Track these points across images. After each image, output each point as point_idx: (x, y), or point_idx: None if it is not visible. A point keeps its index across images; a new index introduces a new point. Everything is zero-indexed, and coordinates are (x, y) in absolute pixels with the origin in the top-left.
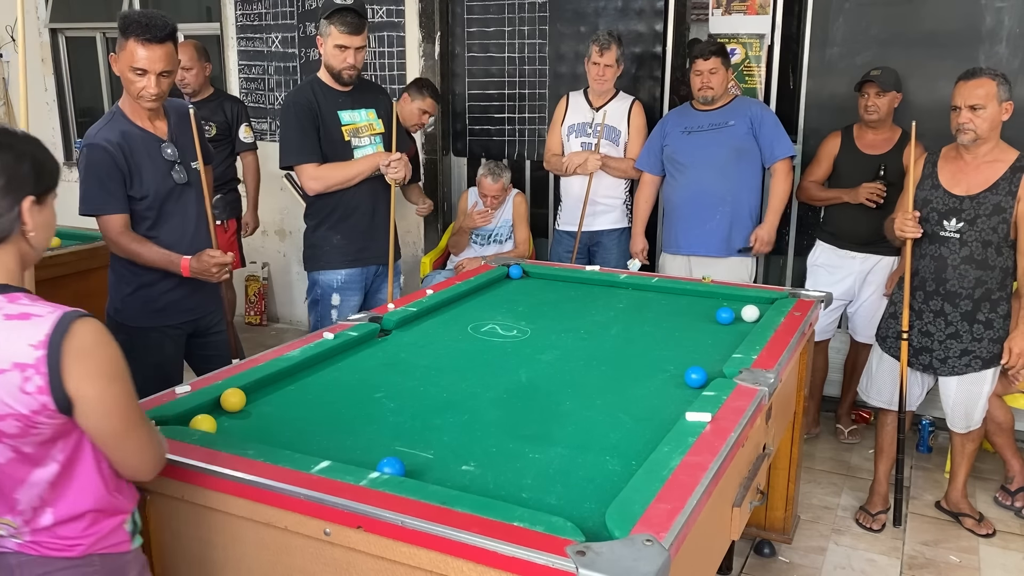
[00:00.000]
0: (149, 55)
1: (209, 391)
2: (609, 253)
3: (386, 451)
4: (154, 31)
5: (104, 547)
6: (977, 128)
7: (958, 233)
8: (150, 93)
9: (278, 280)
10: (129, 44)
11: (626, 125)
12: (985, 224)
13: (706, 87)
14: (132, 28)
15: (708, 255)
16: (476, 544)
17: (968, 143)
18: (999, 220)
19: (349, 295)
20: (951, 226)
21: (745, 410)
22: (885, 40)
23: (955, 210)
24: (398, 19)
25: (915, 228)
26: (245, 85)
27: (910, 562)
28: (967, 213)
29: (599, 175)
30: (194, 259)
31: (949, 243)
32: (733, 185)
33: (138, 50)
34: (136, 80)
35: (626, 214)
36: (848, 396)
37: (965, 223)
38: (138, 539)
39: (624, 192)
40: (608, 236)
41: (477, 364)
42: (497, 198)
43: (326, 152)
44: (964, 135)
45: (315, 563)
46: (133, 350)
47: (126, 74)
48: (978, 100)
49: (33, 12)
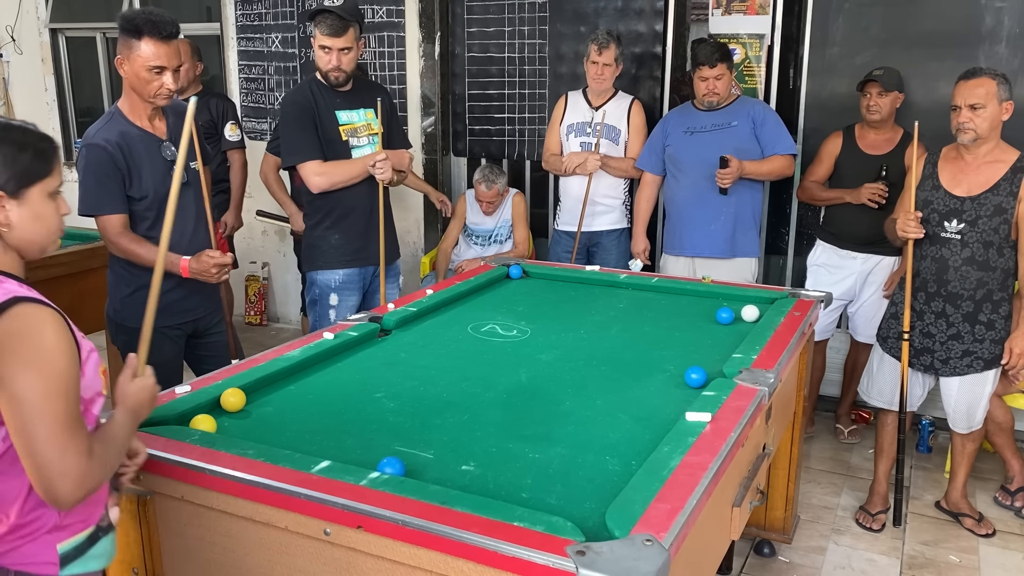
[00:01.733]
0: (166, 52)
1: (209, 391)
2: (608, 254)
3: (386, 451)
4: (166, 28)
5: (22, 564)
6: (977, 128)
7: (959, 234)
8: (169, 89)
9: (278, 280)
10: (143, 44)
11: (626, 124)
12: (986, 225)
13: (711, 93)
14: (145, 28)
15: (712, 256)
16: (476, 544)
17: (968, 142)
18: (1000, 221)
19: (347, 295)
20: (952, 227)
21: (745, 410)
22: (885, 40)
23: (956, 211)
24: (398, 19)
25: (917, 228)
26: (245, 85)
27: (910, 562)
28: (968, 214)
29: (598, 175)
30: (193, 260)
31: (950, 244)
32: (736, 186)
33: (154, 48)
34: (153, 79)
35: (625, 214)
36: (848, 396)
37: (966, 224)
38: (76, 566)
39: (623, 192)
40: (607, 237)
41: (477, 364)
42: (493, 203)
43: (325, 152)
44: (964, 134)
45: (315, 563)
46: (133, 350)
47: (141, 74)
48: (978, 99)
49: (33, 12)
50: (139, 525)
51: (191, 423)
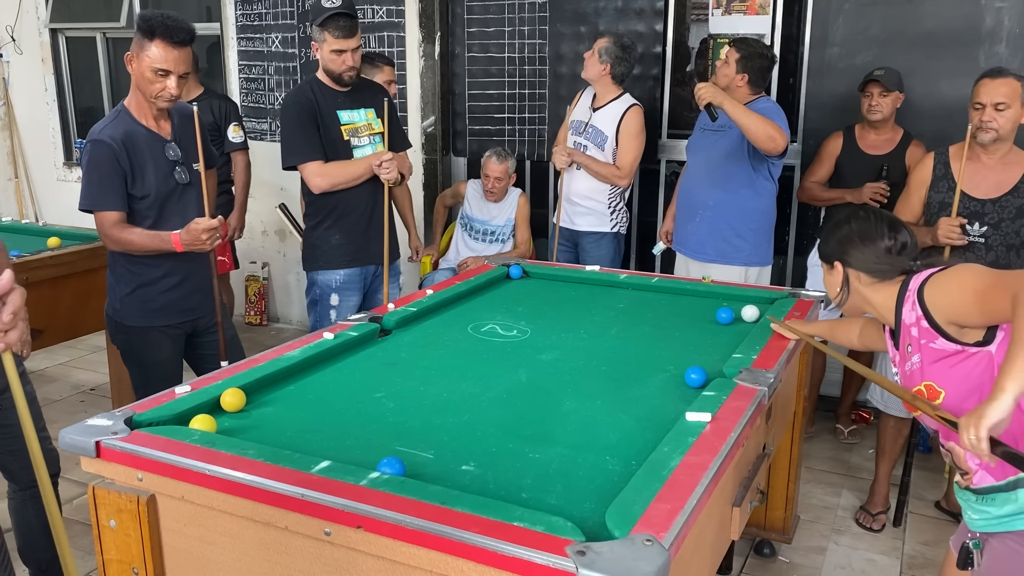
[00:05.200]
0: (175, 57)
1: (209, 391)
2: (587, 255)
3: (386, 451)
4: (181, 34)
5: None
6: (1000, 128)
7: (983, 238)
8: (171, 94)
9: (278, 280)
10: (154, 45)
11: (614, 130)
12: (1009, 227)
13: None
14: (159, 30)
15: (688, 255)
16: (476, 544)
17: (988, 142)
18: (1022, 224)
19: (348, 295)
20: (975, 230)
21: (745, 410)
22: (885, 40)
23: (978, 214)
24: (398, 19)
25: (961, 236)
26: (245, 85)
27: (910, 562)
28: (990, 217)
29: (577, 175)
30: (183, 232)
31: (975, 248)
32: (717, 191)
33: (164, 52)
34: (156, 81)
35: (609, 219)
36: (848, 396)
37: (989, 227)
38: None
39: (608, 197)
40: (587, 238)
41: (477, 364)
42: (500, 180)
43: (326, 152)
44: (985, 133)
45: (315, 563)
46: (133, 350)
47: (146, 75)
48: (1003, 98)
49: (33, 12)
50: (139, 525)
51: (191, 423)
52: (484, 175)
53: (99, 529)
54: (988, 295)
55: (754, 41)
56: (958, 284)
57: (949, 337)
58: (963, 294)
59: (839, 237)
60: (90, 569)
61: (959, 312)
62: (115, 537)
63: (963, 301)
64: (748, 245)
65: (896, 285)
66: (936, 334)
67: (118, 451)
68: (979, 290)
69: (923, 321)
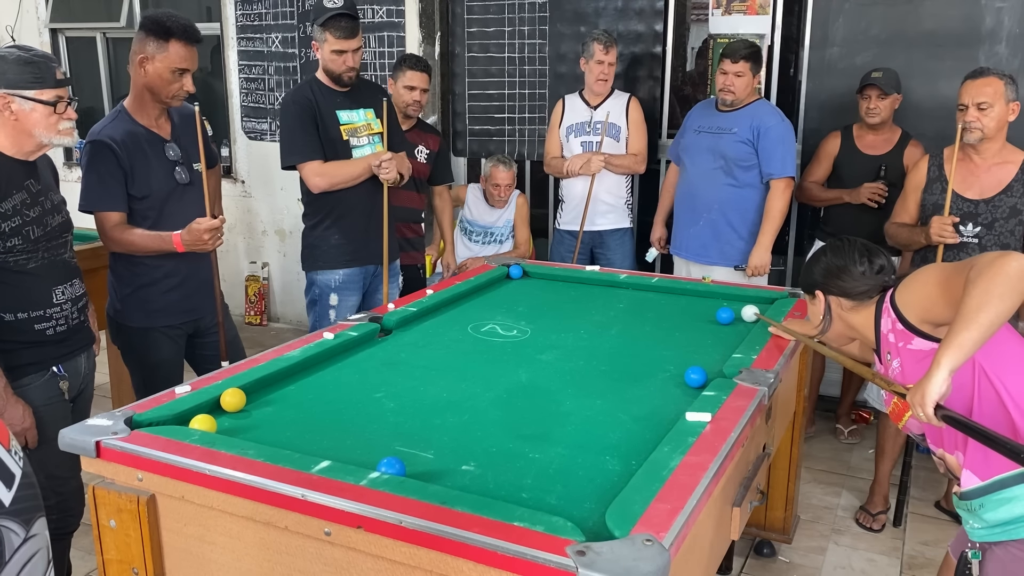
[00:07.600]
0: (191, 55)
1: (209, 391)
2: (613, 253)
3: (386, 451)
4: (195, 33)
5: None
6: (984, 127)
7: (976, 238)
8: (188, 91)
9: (278, 280)
10: (172, 45)
11: (625, 121)
12: (1003, 227)
13: (727, 89)
14: (176, 31)
15: (690, 259)
16: (476, 544)
17: (975, 141)
18: (1016, 223)
19: (347, 295)
20: (968, 231)
21: (745, 410)
22: (885, 40)
23: (971, 214)
24: (398, 19)
25: (954, 234)
26: (245, 85)
27: (910, 562)
28: (983, 217)
29: (601, 174)
30: (184, 232)
31: (968, 248)
32: (720, 194)
33: (183, 51)
34: (176, 80)
35: (627, 214)
36: (848, 396)
37: (983, 227)
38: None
39: (625, 191)
40: (611, 236)
41: (477, 364)
42: (510, 187)
43: (325, 152)
44: (971, 133)
45: (315, 563)
46: (133, 350)
47: (164, 75)
48: (985, 98)
49: (33, 12)
50: (139, 525)
51: (191, 423)
52: (493, 184)
53: (99, 529)
54: (950, 283)
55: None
56: (923, 280)
57: (925, 335)
58: (928, 286)
59: (818, 268)
60: (90, 569)
61: (927, 307)
62: (115, 537)
63: (928, 294)
64: (749, 246)
65: (874, 304)
66: (912, 334)
67: (118, 451)
68: (941, 281)
69: (897, 324)
